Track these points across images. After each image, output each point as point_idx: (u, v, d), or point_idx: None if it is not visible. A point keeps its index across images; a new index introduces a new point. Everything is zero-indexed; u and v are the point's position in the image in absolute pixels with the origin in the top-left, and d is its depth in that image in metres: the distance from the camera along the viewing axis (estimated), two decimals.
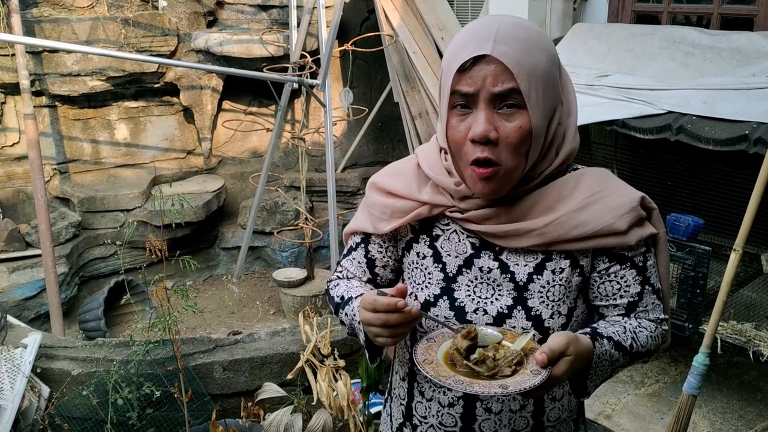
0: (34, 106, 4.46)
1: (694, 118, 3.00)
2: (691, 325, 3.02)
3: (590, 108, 3.31)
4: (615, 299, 1.27)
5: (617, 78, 3.49)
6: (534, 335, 1.22)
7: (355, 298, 1.30)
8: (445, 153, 1.28)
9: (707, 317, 2.70)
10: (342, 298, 1.34)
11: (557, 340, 1.07)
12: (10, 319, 3.33)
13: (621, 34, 3.78)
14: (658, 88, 3.26)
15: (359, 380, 2.75)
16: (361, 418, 2.68)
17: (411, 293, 1.33)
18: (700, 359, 2.48)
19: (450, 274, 1.28)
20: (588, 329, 1.21)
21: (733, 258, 2.43)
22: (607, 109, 3.27)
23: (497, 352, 1.09)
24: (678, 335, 3.14)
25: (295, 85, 4.60)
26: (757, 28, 3.61)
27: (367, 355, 1.30)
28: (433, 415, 1.33)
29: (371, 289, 1.36)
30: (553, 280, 1.23)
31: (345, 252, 1.45)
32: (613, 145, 3.88)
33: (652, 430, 3.06)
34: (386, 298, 1.11)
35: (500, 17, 1.16)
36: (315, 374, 2.72)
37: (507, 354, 1.08)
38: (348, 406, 2.62)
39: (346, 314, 1.32)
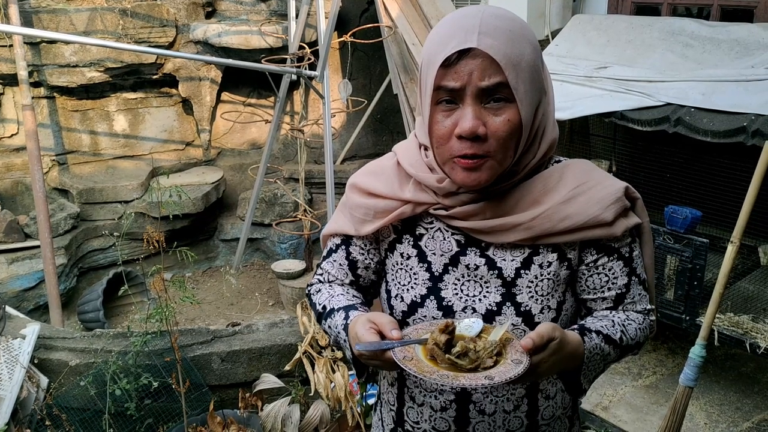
0: (33, 97, 4.46)
1: (693, 109, 2.99)
2: (688, 317, 3.02)
3: (589, 100, 3.30)
4: (603, 292, 1.26)
5: (616, 69, 3.48)
6: (511, 326, 1.21)
7: (337, 310, 1.27)
8: (425, 149, 1.24)
9: (705, 309, 2.71)
10: (324, 308, 1.32)
11: (544, 325, 1.07)
12: (9, 310, 3.33)
13: (620, 26, 3.77)
14: (656, 79, 3.26)
15: None
16: (359, 409, 2.69)
17: (397, 295, 1.30)
18: (696, 351, 2.49)
19: (436, 273, 1.26)
20: (576, 326, 1.20)
21: (731, 250, 2.43)
22: (605, 101, 3.26)
23: (476, 344, 1.08)
24: (675, 327, 3.15)
25: (294, 77, 4.59)
26: (757, 20, 3.59)
27: (355, 373, 1.29)
28: (426, 420, 1.30)
29: (354, 296, 1.34)
30: (541, 275, 1.21)
31: (325, 254, 1.41)
32: (612, 136, 3.87)
33: (649, 421, 3.07)
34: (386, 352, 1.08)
35: (481, 8, 1.13)
36: (313, 365, 2.73)
37: (487, 345, 1.07)
38: (345, 397, 2.63)
39: (329, 327, 1.29)
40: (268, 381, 2.87)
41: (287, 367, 2.83)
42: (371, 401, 2.76)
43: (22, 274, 4.42)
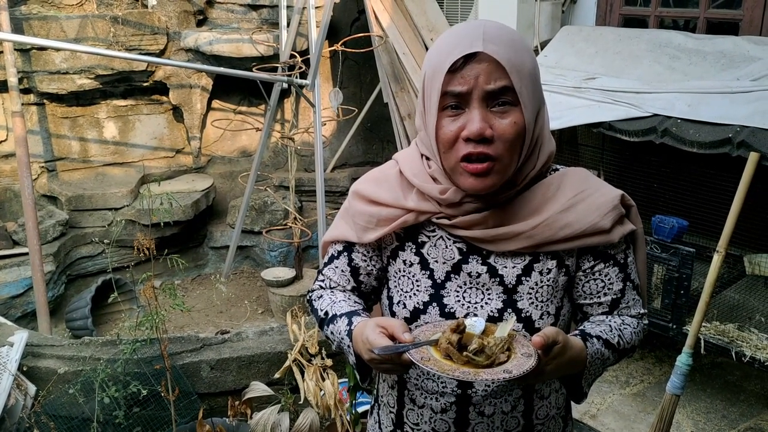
0: (22, 104, 4.44)
1: (679, 120, 3.03)
2: (675, 326, 3.05)
3: (577, 110, 3.34)
4: (599, 297, 1.29)
5: (604, 80, 3.52)
6: (515, 323, 1.23)
7: (340, 316, 1.29)
8: (427, 159, 1.27)
9: (691, 318, 2.73)
10: (326, 314, 1.33)
11: (549, 328, 1.10)
12: None
13: (609, 37, 3.81)
14: (644, 90, 3.30)
15: (346, 379, 2.76)
16: (348, 417, 2.69)
17: (399, 301, 1.32)
18: (683, 359, 2.52)
19: (438, 281, 1.28)
20: (577, 332, 1.23)
21: (716, 259, 2.47)
22: (593, 111, 3.30)
23: (488, 341, 1.11)
24: (662, 335, 3.17)
25: (285, 85, 4.60)
26: (742, 33, 3.65)
27: (358, 377, 1.30)
28: (426, 422, 1.32)
29: (356, 302, 1.35)
30: (541, 281, 1.25)
31: (326, 260, 1.42)
32: (600, 146, 3.91)
33: (636, 429, 3.09)
34: (402, 355, 1.09)
35: (482, 21, 1.18)
36: (302, 373, 2.73)
37: (497, 341, 1.10)
38: (335, 405, 2.63)
39: (332, 332, 1.31)
40: (258, 389, 2.86)
41: (277, 375, 2.83)
42: (361, 409, 2.76)
43: (9, 281, 4.39)
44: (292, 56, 4.69)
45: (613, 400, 3.29)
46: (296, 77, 4.30)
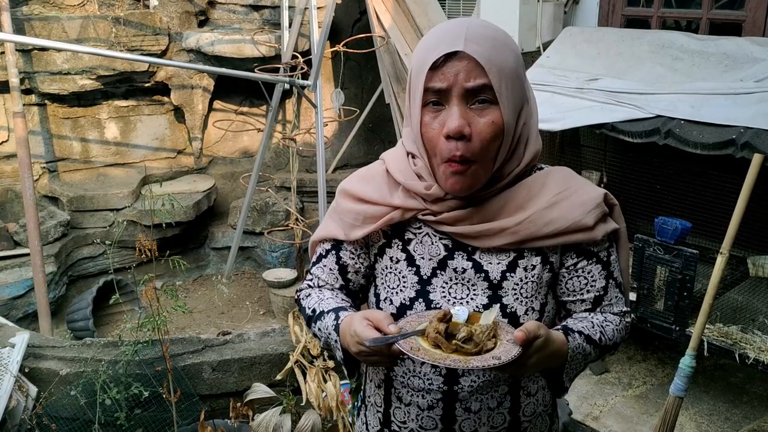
0: (24, 105, 4.44)
1: (682, 122, 3.03)
2: (678, 328, 3.04)
3: (580, 111, 3.33)
4: (582, 294, 1.30)
5: (607, 82, 3.51)
6: (498, 312, 1.24)
7: (327, 312, 1.29)
8: (413, 158, 1.29)
9: (694, 320, 2.72)
10: (314, 311, 1.34)
11: (530, 322, 1.11)
12: None
13: (611, 38, 3.80)
14: (646, 92, 3.29)
15: (348, 381, 2.76)
16: (350, 419, 2.68)
17: (386, 298, 1.33)
18: (686, 361, 2.51)
19: (424, 277, 1.29)
20: (559, 327, 1.25)
21: (720, 261, 2.46)
22: (596, 113, 3.29)
23: (475, 329, 1.12)
24: (665, 337, 3.16)
25: (287, 86, 4.60)
26: (745, 34, 3.64)
27: (346, 372, 1.31)
28: (413, 420, 1.33)
29: (343, 299, 1.36)
30: (526, 277, 1.26)
31: (314, 260, 1.43)
32: (603, 148, 3.90)
33: (639, 431, 3.08)
34: (391, 346, 1.10)
35: (467, 19, 1.20)
36: (304, 375, 2.72)
37: (484, 329, 1.11)
38: (337, 406, 2.62)
39: (319, 329, 1.31)
40: (260, 390, 2.86)
41: (279, 377, 2.82)
42: None
43: (11, 282, 4.39)
44: (293, 57, 4.69)
45: (616, 402, 3.28)
46: (298, 78, 4.30)
